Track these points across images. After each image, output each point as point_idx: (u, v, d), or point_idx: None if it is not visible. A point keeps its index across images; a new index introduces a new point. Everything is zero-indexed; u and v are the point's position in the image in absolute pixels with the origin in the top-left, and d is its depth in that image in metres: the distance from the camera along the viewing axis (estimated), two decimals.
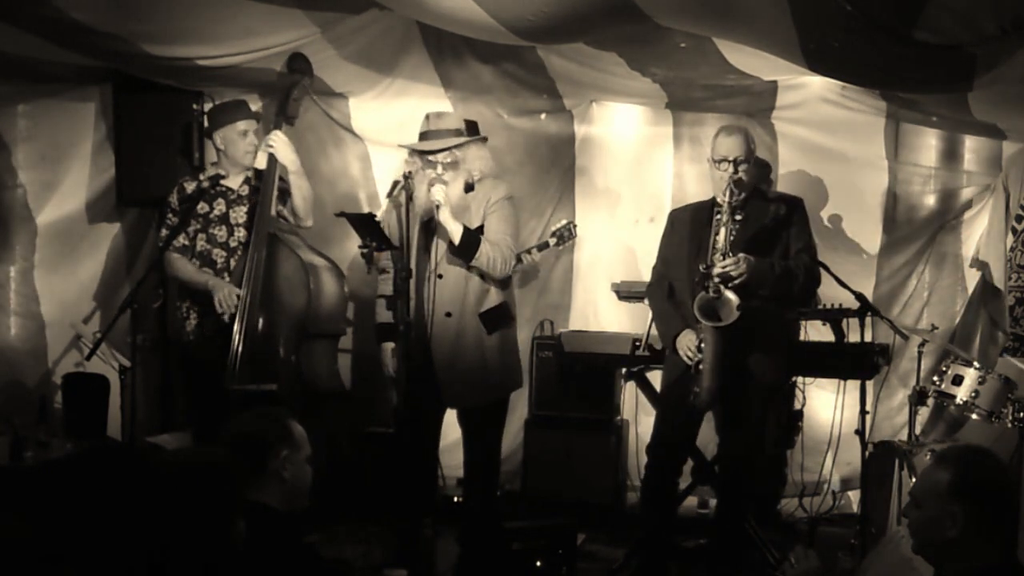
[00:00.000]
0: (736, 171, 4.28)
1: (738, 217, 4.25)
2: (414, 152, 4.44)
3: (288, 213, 4.90)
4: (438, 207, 4.25)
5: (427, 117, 4.51)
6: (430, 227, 4.43)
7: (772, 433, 5.24)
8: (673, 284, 4.46)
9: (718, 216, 4.22)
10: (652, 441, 4.53)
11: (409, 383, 4.25)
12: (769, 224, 4.36)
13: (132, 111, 5.39)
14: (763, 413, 4.42)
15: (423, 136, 4.45)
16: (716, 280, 4.11)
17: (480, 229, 4.37)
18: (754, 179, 4.46)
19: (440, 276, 4.36)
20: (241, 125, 4.85)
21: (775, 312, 4.40)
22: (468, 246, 4.30)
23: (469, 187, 4.43)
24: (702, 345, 4.20)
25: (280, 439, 2.84)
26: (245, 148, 4.84)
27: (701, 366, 4.20)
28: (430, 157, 4.36)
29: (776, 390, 4.56)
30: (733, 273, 4.11)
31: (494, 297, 4.45)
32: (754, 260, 4.18)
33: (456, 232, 4.28)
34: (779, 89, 5.50)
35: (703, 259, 4.22)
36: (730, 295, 4.10)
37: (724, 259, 4.11)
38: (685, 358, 4.29)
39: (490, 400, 4.49)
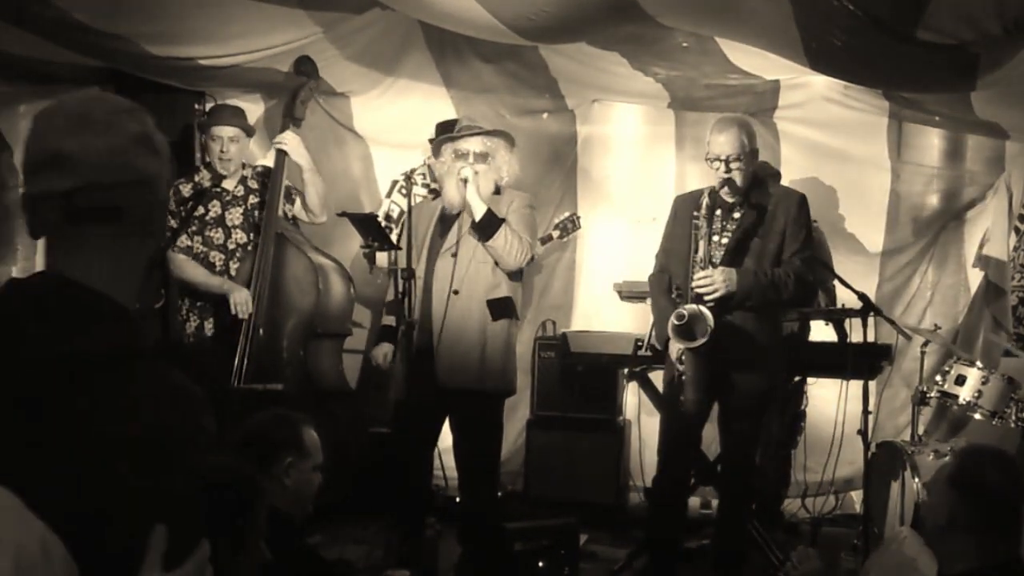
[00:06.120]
0: (728, 170, 4.04)
1: (736, 215, 4.08)
2: (443, 146, 4.46)
3: (299, 211, 4.91)
4: (465, 181, 4.28)
5: (461, 119, 4.69)
6: (447, 217, 4.46)
7: (775, 434, 5.23)
8: (672, 278, 4.27)
9: (696, 225, 4.05)
10: (660, 442, 4.47)
11: (410, 380, 4.25)
12: (763, 225, 4.12)
13: None
14: (754, 421, 4.26)
15: (456, 132, 4.50)
16: (693, 296, 4.00)
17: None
18: (750, 177, 4.14)
19: (454, 255, 4.36)
20: (216, 131, 4.83)
21: (761, 322, 4.17)
22: (489, 224, 4.30)
23: (497, 189, 4.46)
24: (683, 357, 4.07)
25: (288, 445, 2.81)
26: (219, 155, 4.81)
27: (684, 377, 4.11)
28: (462, 146, 4.39)
29: (767, 396, 4.31)
30: (706, 290, 3.99)
31: (504, 288, 4.44)
32: (734, 273, 4.02)
33: (480, 209, 4.29)
34: (782, 88, 5.50)
35: (696, 260, 4.07)
36: (706, 313, 3.92)
37: (702, 272, 3.99)
38: (673, 363, 4.18)
39: (485, 390, 4.41)
